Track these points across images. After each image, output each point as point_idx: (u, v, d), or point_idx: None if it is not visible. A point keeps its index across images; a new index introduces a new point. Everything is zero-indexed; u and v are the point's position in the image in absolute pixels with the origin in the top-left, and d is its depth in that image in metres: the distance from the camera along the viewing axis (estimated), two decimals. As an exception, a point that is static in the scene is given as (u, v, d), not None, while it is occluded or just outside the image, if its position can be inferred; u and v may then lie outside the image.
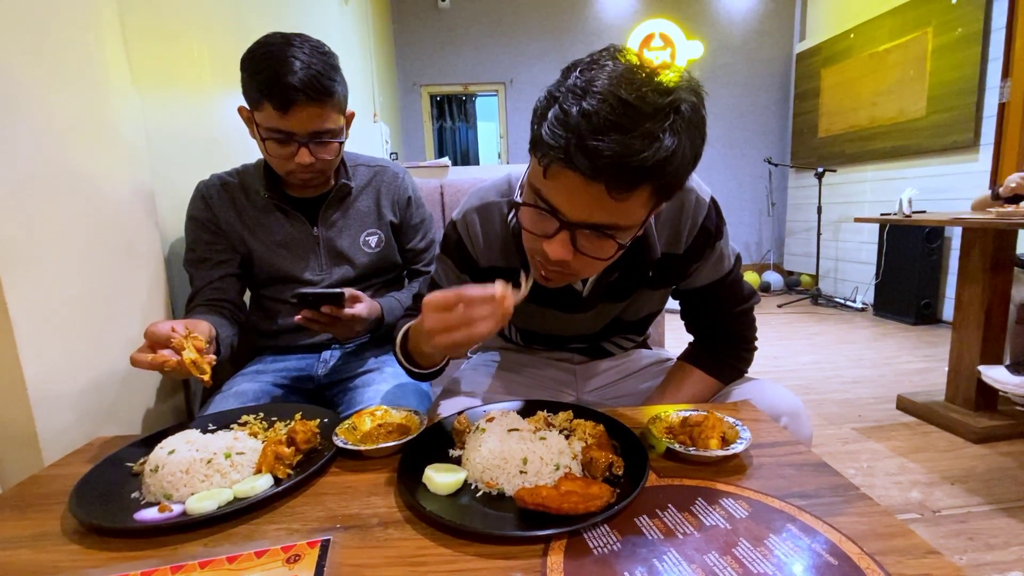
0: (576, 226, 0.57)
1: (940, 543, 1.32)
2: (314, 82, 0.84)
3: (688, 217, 0.75)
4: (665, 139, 0.50)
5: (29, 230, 0.70)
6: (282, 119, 0.86)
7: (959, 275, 1.92)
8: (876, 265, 3.81)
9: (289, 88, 0.83)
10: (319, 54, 0.87)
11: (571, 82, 0.53)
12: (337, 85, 0.90)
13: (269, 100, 0.84)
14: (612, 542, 0.46)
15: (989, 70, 3.14)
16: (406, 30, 4.98)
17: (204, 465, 0.57)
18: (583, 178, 0.52)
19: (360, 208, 1.09)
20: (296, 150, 0.90)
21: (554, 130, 0.52)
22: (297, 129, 0.88)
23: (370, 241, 1.09)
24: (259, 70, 0.84)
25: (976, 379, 1.84)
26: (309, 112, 0.87)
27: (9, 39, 0.68)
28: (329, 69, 0.88)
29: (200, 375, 0.70)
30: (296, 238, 1.04)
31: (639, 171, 0.51)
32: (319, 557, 0.45)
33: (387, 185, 1.11)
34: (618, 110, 0.50)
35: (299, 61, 0.84)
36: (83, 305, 0.80)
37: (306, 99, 0.85)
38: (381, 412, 0.71)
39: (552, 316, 0.85)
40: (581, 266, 0.62)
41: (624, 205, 0.54)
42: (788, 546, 0.45)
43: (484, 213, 0.80)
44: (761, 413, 0.74)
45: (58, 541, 0.50)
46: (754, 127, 5.09)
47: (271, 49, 0.85)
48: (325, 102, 0.88)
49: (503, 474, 0.55)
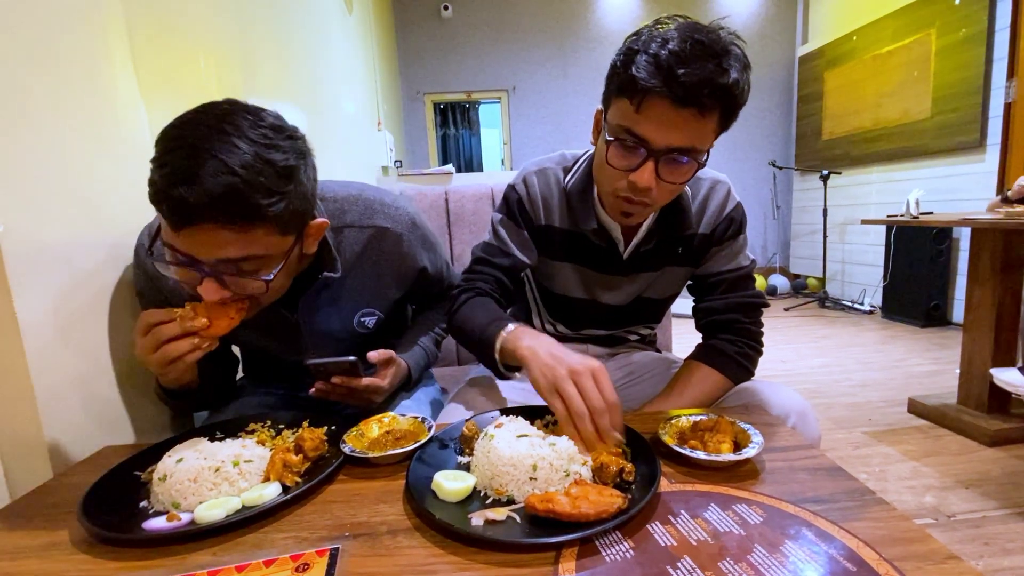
0: (661, 153, 0.69)
1: (956, 548, 1.30)
2: (230, 197, 0.57)
3: (721, 205, 0.87)
4: (732, 71, 0.65)
5: (38, 241, 0.70)
6: (177, 237, 0.59)
7: (969, 276, 1.91)
8: (884, 267, 3.78)
9: (183, 201, 0.55)
10: (262, 154, 0.59)
11: (645, 37, 0.67)
12: (278, 203, 0.61)
13: (161, 208, 0.58)
14: (625, 549, 0.46)
15: (994, 70, 3.12)
16: (409, 39, 5.02)
17: (212, 473, 0.56)
18: (673, 105, 0.65)
19: (354, 287, 0.85)
20: (199, 281, 0.63)
21: (649, 67, 0.64)
22: (198, 255, 0.61)
23: (366, 322, 0.89)
24: (161, 162, 0.57)
25: (988, 381, 1.81)
26: (216, 236, 0.59)
27: (17, 50, 0.69)
28: (272, 179, 0.59)
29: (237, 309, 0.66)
30: (272, 323, 0.82)
31: (716, 92, 0.64)
32: (328, 566, 0.45)
33: (389, 256, 0.86)
34: (696, 48, 0.64)
35: (217, 161, 0.56)
36: (91, 315, 0.80)
37: (208, 220, 0.57)
38: (389, 419, 0.71)
39: (590, 278, 0.93)
40: (660, 194, 0.74)
41: (702, 127, 0.68)
42: (804, 552, 0.44)
43: (542, 176, 0.90)
44: (772, 417, 0.73)
45: (67, 551, 0.50)
46: (758, 130, 5.09)
47: (188, 134, 0.58)
48: (248, 224, 0.60)
49: (512, 481, 0.54)
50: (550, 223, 0.90)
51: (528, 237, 0.91)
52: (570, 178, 0.89)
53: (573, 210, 0.87)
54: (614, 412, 0.61)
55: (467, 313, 0.83)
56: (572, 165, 0.90)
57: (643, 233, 0.87)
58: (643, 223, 0.86)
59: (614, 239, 0.87)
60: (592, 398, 0.60)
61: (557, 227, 0.90)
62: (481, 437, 0.63)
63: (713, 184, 0.88)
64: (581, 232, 0.88)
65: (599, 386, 0.61)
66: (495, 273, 0.89)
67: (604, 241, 0.87)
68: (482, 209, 1.41)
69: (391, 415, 0.72)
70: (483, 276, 0.89)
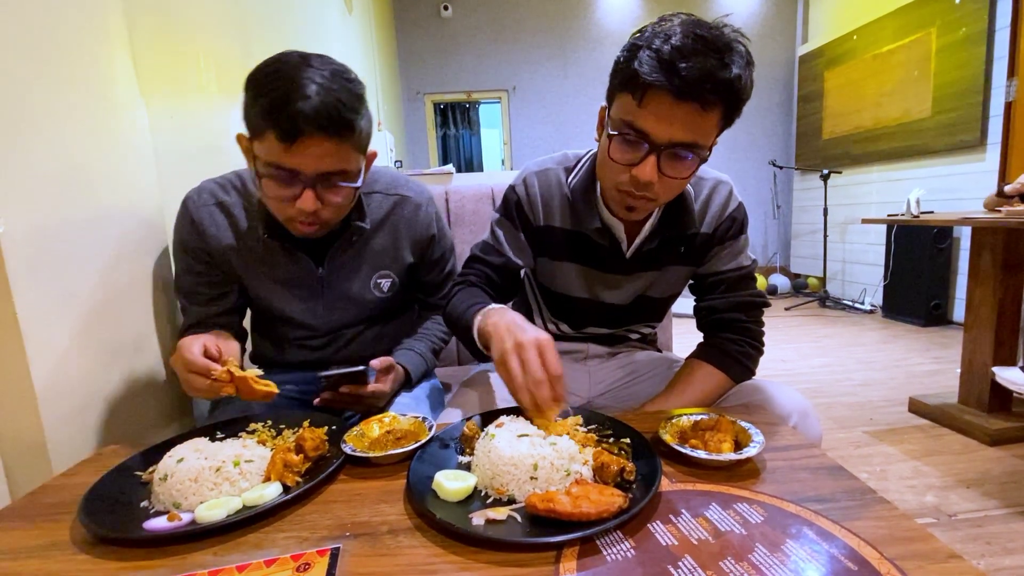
0: (663, 147, 0.69)
1: (957, 548, 1.30)
2: (331, 111, 0.70)
3: (723, 205, 0.88)
4: (733, 67, 0.65)
5: (37, 239, 0.70)
6: (286, 153, 0.71)
7: (970, 275, 1.90)
8: (884, 266, 3.78)
9: (298, 115, 0.68)
10: (342, 79, 0.73)
11: (649, 33, 0.68)
12: (360, 119, 0.75)
13: (273, 128, 0.69)
14: (626, 549, 0.46)
15: (995, 69, 3.12)
16: (409, 39, 5.01)
17: (213, 473, 0.56)
18: (674, 99, 0.65)
19: (374, 248, 0.95)
20: (299, 192, 0.74)
21: (652, 62, 0.65)
22: (304, 167, 0.72)
23: (382, 284, 0.97)
24: (265, 91, 0.69)
25: (990, 380, 1.81)
26: (320, 148, 0.71)
27: (19, 50, 0.69)
28: (352, 99, 0.73)
29: (266, 387, 0.73)
30: (297, 277, 0.92)
31: (717, 87, 0.64)
32: (329, 565, 0.45)
33: (407, 221, 0.97)
34: (699, 43, 0.64)
35: (315, 85, 0.69)
36: (92, 315, 0.80)
37: (318, 131, 0.69)
38: (389, 419, 0.71)
39: (593, 277, 0.92)
40: (663, 190, 0.74)
41: (704, 122, 0.68)
42: (806, 551, 0.44)
43: (543, 177, 0.91)
44: (773, 416, 0.73)
45: (67, 551, 0.50)
46: (758, 130, 5.08)
47: (283, 68, 0.70)
48: (343, 137, 0.73)
49: (513, 480, 0.54)
50: (551, 223, 0.91)
51: (524, 239, 0.92)
52: (573, 177, 0.89)
53: (576, 210, 0.88)
54: (556, 383, 0.63)
55: (455, 302, 0.87)
56: (574, 165, 0.91)
57: (646, 232, 0.87)
58: (646, 223, 0.87)
59: (617, 238, 0.87)
60: (533, 370, 0.62)
61: (558, 227, 0.90)
62: (482, 437, 0.62)
63: (716, 184, 0.89)
64: (584, 231, 0.88)
65: (544, 359, 0.63)
66: (486, 270, 0.92)
67: (607, 240, 0.87)
68: (482, 209, 1.40)
69: (391, 415, 0.72)
70: (475, 271, 0.92)
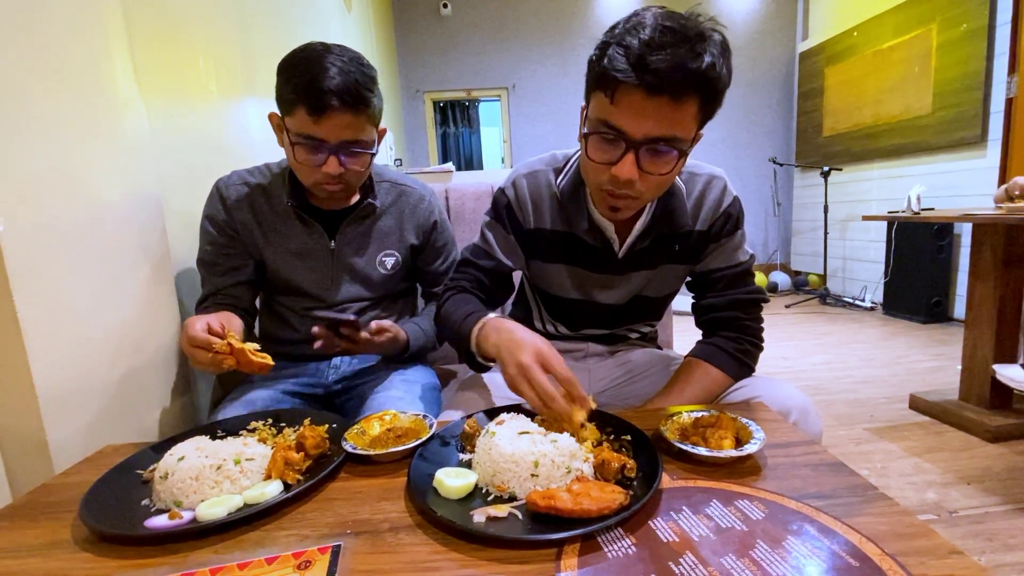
0: (640, 144, 0.67)
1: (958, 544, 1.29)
2: (350, 89, 0.84)
3: (717, 200, 0.87)
4: (706, 56, 0.62)
5: (37, 238, 0.70)
6: (315, 124, 0.85)
7: (970, 272, 1.90)
8: (885, 263, 3.78)
9: (324, 93, 0.83)
10: (358, 64, 0.87)
11: (620, 29, 0.66)
12: (373, 97, 0.90)
13: (303, 104, 0.84)
14: (627, 545, 0.46)
15: (995, 65, 3.11)
16: (409, 37, 5.01)
17: (214, 471, 0.56)
18: (646, 94, 0.63)
19: (382, 227, 1.07)
20: (325, 158, 0.89)
21: (620, 58, 0.63)
22: (329, 136, 0.87)
23: (386, 262, 1.07)
24: (295, 74, 0.84)
25: (990, 377, 1.81)
26: (342, 119, 0.86)
27: (16, 47, 0.69)
28: (367, 80, 0.88)
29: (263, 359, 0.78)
30: (311, 249, 1.03)
31: (690, 79, 0.62)
32: (330, 563, 0.45)
33: (412, 207, 1.10)
34: (668, 35, 0.62)
35: (336, 68, 0.84)
36: (92, 312, 0.80)
37: (341, 105, 0.84)
38: (390, 417, 0.71)
39: (586, 279, 0.92)
40: (646, 187, 0.72)
41: (679, 115, 0.66)
42: (807, 548, 0.44)
43: (532, 179, 0.90)
44: (774, 413, 0.73)
45: (69, 549, 0.50)
46: (758, 127, 5.06)
47: (310, 55, 0.86)
48: (360, 111, 0.87)
49: (514, 477, 0.54)
50: (540, 225, 0.90)
51: (515, 241, 0.92)
52: (561, 179, 0.88)
53: (565, 211, 0.87)
54: (570, 388, 0.64)
55: (448, 309, 0.87)
56: (563, 166, 0.90)
57: (638, 231, 0.86)
58: (637, 221, 0.85)
59: (608, 238, 0.87)
60: (544, 390, 0.63)
61: (548, 229, 0.90)
62: (483, 434, 0.63)
63: (709, 180, 0.88)
64: (574, 232, 0.87)
65: (550, 370, 0.65)
66: (477, 274, 0.92)
67: (598, 240, 0.86)
68: (482, 207, 1.40)
69: (392, 413, 0.72)
70: (466, 276, 0.93)
